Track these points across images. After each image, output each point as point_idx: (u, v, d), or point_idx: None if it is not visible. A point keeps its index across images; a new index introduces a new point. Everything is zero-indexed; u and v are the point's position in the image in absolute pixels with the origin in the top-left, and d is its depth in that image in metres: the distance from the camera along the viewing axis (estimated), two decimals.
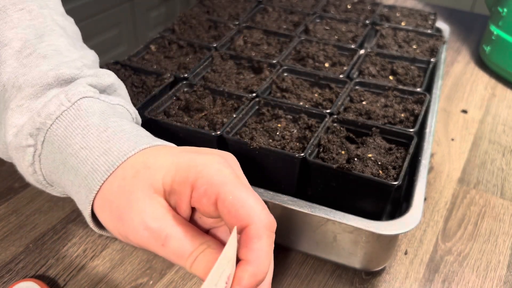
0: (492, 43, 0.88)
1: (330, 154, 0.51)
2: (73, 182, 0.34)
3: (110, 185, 0.32)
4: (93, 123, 0.35)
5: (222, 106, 0.58)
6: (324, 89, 0.62)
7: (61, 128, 0.34)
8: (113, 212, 0.32)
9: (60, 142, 0.34)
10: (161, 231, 0.30)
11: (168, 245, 0.30)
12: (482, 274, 0.54)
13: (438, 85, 0.67)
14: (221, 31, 0.74)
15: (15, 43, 0.37)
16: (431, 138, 0.57)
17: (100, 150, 0.33)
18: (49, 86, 0.36)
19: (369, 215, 0.47)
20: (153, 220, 0.30)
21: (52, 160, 0.35)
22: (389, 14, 0.82)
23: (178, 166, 0.32)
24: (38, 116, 0.35)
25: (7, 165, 0.65)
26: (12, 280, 0.51)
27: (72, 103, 0.35)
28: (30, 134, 0.35)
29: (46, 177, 0.37)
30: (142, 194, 0.31)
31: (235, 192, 0.30)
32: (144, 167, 0.32)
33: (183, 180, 0.31)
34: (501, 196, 0.64)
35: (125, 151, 0.33)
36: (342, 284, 0.52)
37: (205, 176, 0.30)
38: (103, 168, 0.32)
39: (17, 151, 0.36)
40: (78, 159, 0.33)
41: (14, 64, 0.36)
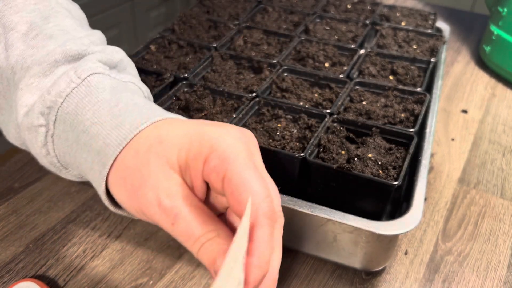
0: (492, 43, 0.88)
1: (330, 154, 0.51)
2: (86, 159, 0.33)
3: (123, 159, 0.31)
4: (104, 99, 0.34)
5: (222, 106, 0.58)
6: (324, 89, 0.62)
7: (72, 106, 0.34)
8: (127, 187, 0.31)
9: (72, 120, 0.33)
10: (173, 210, 0.29)
11: (177, 225, 0.29)
12: (482, 274, 0.54)
13: (438, 85, 0.67)
14: (221, 31, 0.74)
15: (21, 26, 0.36)
16: (431, 138, 0.57)
17: (111, 125, 0.32)
18: (56, 63, 0.35)
19: (369, 215, 0.47)
20: (166, 197, 0.30)
21: (65, 139, 0.34)
22: (389, 14, 0.82)
23: (192, 139, 0.31)
24: (48, 94, 0.34)
25: (7, 165, 0.65)
26: (12, 280, 0.51)
27: (82, 80, 0.34)
28: (41, 113, 0.34)
29: (60, 158, 0.36)
30: (156, 168, 0.30)
31: (242, 173, 0.29)
32: (158, 141, 0.31)
33: (197, 155, 0.30)
34: (501, 196, 0.64)
35: (137, 124, 0.32)
36: (342, 284, 0.52)
37: (217, 150, 0.29)
38: (115, 142, 0.32)
39: (29, 131, 0.35)
40: (90, 135, 0.33)
41: (22, 46, 0.36)
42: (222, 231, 0.30)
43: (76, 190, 0.62)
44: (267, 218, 0.28)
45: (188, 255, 0.54)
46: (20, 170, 0.65)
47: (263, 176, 0.30)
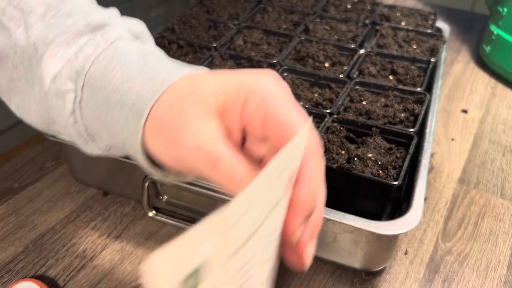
0: (492, 42, 0.88)
1: (330, 154, 0.51)
2: (118, 117, 0.33)
3: (158, 110, 0.31)
4: (132, 60, 0.34)
5: None
6: (324, 89, 0.62)
7: (100, 69, 0.34)
8: (164, 135, 0.30)
9: (101, 82, 0.33)
10: (214, 152, 0.29)
11: (218, 169, 0.29)
12: (482, 274, 0.54)
13: (438, 85, 0.67)
14: (221, 31, 0.74)
15: (39, 8, 0.37)
16: (431, 138, 0.57)
17: (143, 80, 0.32)
18: (80, 33, 0.35)
19: (369, 215, 0.47)
20: (207, 140, 0.29)
21: (94, 103, 0.34)
22: (389, 14, 0.82)
23: (229, 85, 0.30)
24: (75, 59, 0.34)
25: (7, 165, 0.65)
26: (11, 281, 0.51)
27: (109, 44, 0.35)
28: (69, 77, 0.34)
29: (88, 127, 0.35)
30: (194, 113, 0.30)
31: (284, 109, 0.28)
32: (193, 91, 0.31)
33: (235, 99, 0.30)
34: (501, 196, 0.64)
35: (169, 76, 0.32)
36: (342, 284, 0.52)
37: (257, 91, 0.29)
38: (149, 95, 0.31)
39: (57, 98, 0.35)
40: (121, 92, 0.32)
41: (41, 26, 0.36)
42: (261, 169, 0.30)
43: (76, 190, 0.62)
44: (317, 148, 0.28)
45: None
46: (19, 170, 0.65)
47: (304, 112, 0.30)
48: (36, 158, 0.67)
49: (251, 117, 0.29)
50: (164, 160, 0.32)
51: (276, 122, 0.28)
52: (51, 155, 0.68)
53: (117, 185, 0.60)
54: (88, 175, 0.61)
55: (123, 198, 0.61)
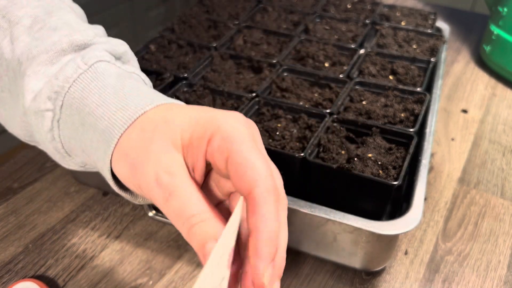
0: (492, 42, 0.88)
1: (330, 154, 0.51)
2: (91, 139, 0.34)
3: (128, 138, 0.32)
4: (110, 83, 0.35)
5: (222, 106, 0.58)
6: (324, 89, 0.62)
7: (79, 90, 0.34)
8: (129, 163, 0.31)
9: (78, 104, 0.34)
10: (169, 186, 0.30)
11: (170, 201, 0.30)
12: (483, 274, 0.54)
13: (438, 84, 0.67)
14: (220, 30, 0.74)
15: (26, 20, 0.37)
16: (431, 138, 0.57)
17: (117, 106, 0.33)
18: (63, 52, 0.36)
19: (369, 215, 0.47)
20: (165, 173, 0.30)
21: (71, 124, 0.35)
22: (389, 14, 0.82)
23: (198, 120, 0.31)
24: (55, 79, 0.35)
25: (6, 165, 0.65)
26: (11, 281, 0.51)
27: (89, 66, 0.35)
28: (48, 97, 0.35)
29: (65, 144, 0.36)
30: (159, 146, 0.31)
31: (245, 152, 0.29)
32: (163, 122, 0.32)
33: (201, 135, 0.31)
34: (501, 196, 0.64)
35: (142, 106, 0.33)
36: (342, 284, 0.52)
37: (222, 131, 0.30)
38: (120, 122, 0.32)
39: (36, 116, 0.35)
40: (95, 116, 0.33)
41: (27, 39, 0.37)
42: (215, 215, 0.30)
43: (75, 190, 0.62)
44: (271, 194, 0.28)
45: (188, 255, 0.54)
46: (19, 170, 0.64)
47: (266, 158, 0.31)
48: (35, 158, 0.67)
49: (215, 154, 0.30)
50: (127, 184, 0.33)
51: (236, 164, 0.29)
52: None
53: None
54: (87, 175, 0.61)
55: (122, 198, 0.61)
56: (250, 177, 0.28)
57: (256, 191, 0.28)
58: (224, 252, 0.27)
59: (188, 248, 0.55)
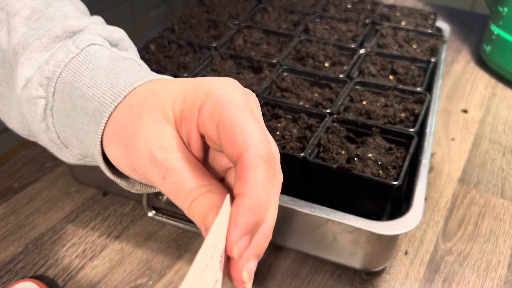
0: (492, 42, 0.88)
1: (330, 154, 0.51)
2: (83, 123, 0.32)
3: (117, 116, 0.31)
4: (101, 65, 0.33)
5: None
6: (324, 89, 0.62)
7: (70, 75, 0.33)
8: (120, 143, 0.30)
9: (69, 88, 0.33)
10: (164, 162, 0.28)
11: (168, 179, 0.28)
12: (483, 274, 0.54)
13: (438, 84, 0.67)
14: (220, 30, 0.74)
15: (24, 11, 0.37)
16: (431, 138, 0.57)
17: (107, 85, 0.32)
18: (57, 38, 0.35)
19: (369, 215, 0.47)
20: (158, 149, 0.28)
21: (63, 110, 0.33)
22: (389, 14, 0.82)
23: (187, 89, 0.29)
24: (46, 64, 0.34)
25: (7, 165, 0.65)
26: (11, 281, 0.51)
27: (81, 50, 0.34)
28: (39, 83, 0.34)
29: (60, 134, 0.35)
30: (150, 121, 0.29)
31: (237, 115, 0.26)
32: (152, 95, 0.30)
33: (191, 104, 0.28)
34: (501, 196, 0.64)
35: (131, 82, 0.31)
36: (342, 284, 0.52)
37: (213, 96, 0.28)
38: (109, 100, 0.31)
39: (28, 104, 0.34)
40: (85, 98, 0.32)
41: (24, 29, 0.36)
42: (215, 187, 0.28)
43: (75, 190, 0.62)
44: (264, 161, 0.26)
45: (188, 255, 0.54)
46: (19, 170, 0.64)
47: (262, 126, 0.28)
48: (35, 158, 0.67)
49: (206, 122, 0.28)
50: (121, 167, 0.31)
51: (226, 127, 0.26)
52: (50, 155, 0.67)
53: (117, 185, 0.60)
54: (87, 175, 0.61)
55: (122, 198, 0.61)
56: (241, 140, 0.26)
57: (246, 156, 0.25)
58: (214, 253, 0.25)
59: (188, 248, 0.55)
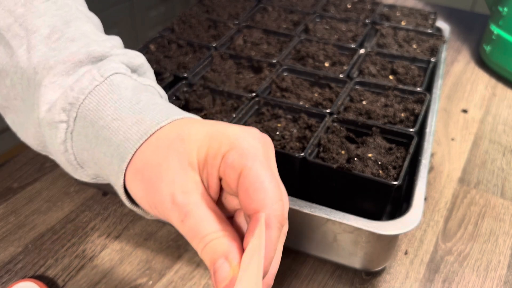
0: (493, 42, 0.88)
1: (330, 154, 0.51)
2: (105, 153, 0.33)
3: (142, 154, 0.32)
4: (126, 96, 0.34)
5: (221, 106, 0.58)
6: (324, 89, 0.62)
7: (94, 102, 0.34)
8: (144, 181, 0.31)
9: (93, 116, 0.34)
10: (185, 207, 0.30)
11: (186, 222, 0.30)
12: (483, 274, 0.54)
13: (438, 84, 0.67)
14: (220, 30, 0.74)
15: (44, 30, 0.37)
16: (431, 137, 0.57)
17: (132, 120, 0.33)
18: (80, 63, 0.36)
19: (369, 215, 0.47)
20: (181, 193, 0.30)
21: (85, 136, 0.34)
22: (389, 14, 0.82)
23: (212, 137, 0.31)
24: (71, 90, 0.35)
25: (6, 165, 0.65)
26: (11, 281, 0.51)
27: (105, 78, 0.35)
28: (63, 109, 0.34)
29: (77, 156, 0.36)
30: (175, 165, 0.31)
31: (259, 171, 0.29)
32: (179, 139, 0.31)
33: (216, 152, 0.31)
34: (501, 196, 0.64)
35: (158, 121, 0.33)
36: (342, 284, 0.52)
37: (237, 147, 0.30)
38: (135, 137, 0.32)
39: (50, 127, 0.35)
40: (110, 130, 0.33)
41: (44, 49, 0.37)
42: (228, 233, 0.30)
43: (75, 190, 0.62)
44: (277, 221, 0.29)
45: (188, 255, 0.54)
46: (19, 170, 0.64)
47: (278, 180, 0.31)
48: (35, 158, 0.66)
49: (228, 170, 0.30)
50: (141, 203, 0.32)
51: (247, 182, 0.29)
52: None
53: None
54: None
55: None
56: (260, 198, 0.28)
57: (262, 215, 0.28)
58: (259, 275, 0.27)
59: (188, 248, 0.55)
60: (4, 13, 0.37)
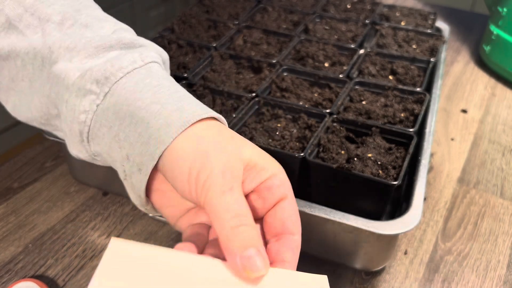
0: (492, 42, 0.88)
1: (330, 154, 0.51)
2: (141, 134, 0.33)
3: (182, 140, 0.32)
4: (164, 84, 0.35)
5: (221, 106, 0.58)
6: (324, 89, 0.62)
7: (132, 82, 0.35)
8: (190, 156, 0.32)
9: (129, 95, 0.34)
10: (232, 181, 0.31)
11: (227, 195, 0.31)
12: (482, 274, 0.54)
13: (438, 84, 0.67)
14: (220, 30, 0.74)
15: (55, 17, 0.37)
16: (431, 137, 0.57)
17: (173, 107, 0.33)
18: (111, 48, 0.36)
19: (369, 215, 0.47)
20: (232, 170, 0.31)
21: (114, 112, 0.34)
22: (389, 14, 0.82)
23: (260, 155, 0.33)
24: (111, 65, 0.35)
25: (6, 165, 0.65)
26: (11, 281, 0.51)
27: (145, 63, 0.36)
28: (96, 80, 0.34)
29: (91, 130, 0.36)
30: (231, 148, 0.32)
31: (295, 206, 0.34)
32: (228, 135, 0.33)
33: (264, 167, 0.33)
34: (501, 196, 0.64)
35: (199, 113, 0.33)
36: (342, 283, 0.52)
37: (283, 178, 0.33)
38: (178, 123, 0.33)
39: (77, 94, 0.35)
40: (149, 112, 0.33)
41: (58, 35, 0.37)
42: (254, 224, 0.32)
43: (75, 190, 0.62)
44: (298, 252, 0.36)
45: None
46: (19, 170, 0.65)
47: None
48: (35, 158, 0.67)
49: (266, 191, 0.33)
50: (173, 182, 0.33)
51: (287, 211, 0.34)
52: (50, 154, 0.67)
53: (117, 184, 0.60)
54: (87, 175, 0.61)
55: (122, 198, 0.61)
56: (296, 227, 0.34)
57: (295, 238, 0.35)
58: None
59: None
60: (13, 4, 0.37)
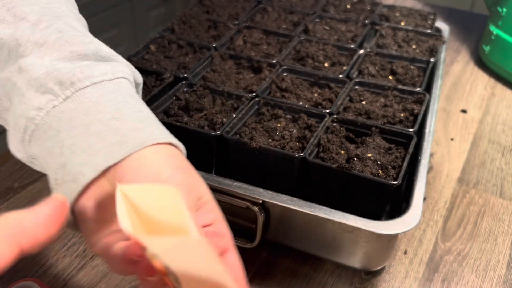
0: (492, 43, 0.88)
1: (330, 154, 0.51)
2: (91, 145, 0.33)
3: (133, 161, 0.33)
4: (129, 101, 0.35)
5: (221, 106, 0.58)
6: (324, 89, 0.62)
7: (97, 94, 0.34)
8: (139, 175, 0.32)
9: (91, 106, 0.34)
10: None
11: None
12: (482, 273, 0.54)
13: (438, 84, 0.67)
14: (220, 31, 0.74)
15: (32, 16, 0.37)
16: (431, 137, 0.57)
17: (132, 126, 0.34)
18: (85, 57, 0.36)
19: (368, 214, 0.47)
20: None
21: (69, 118, 0.34)
22: (389, 14, 0.82)
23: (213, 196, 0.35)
24: (80, 72, 0.34)
25: (7, 165, 0.65)
26: (12, 280, 0.51)
27: (115, 77, 0.36)
28: (61, 82, 0.34)
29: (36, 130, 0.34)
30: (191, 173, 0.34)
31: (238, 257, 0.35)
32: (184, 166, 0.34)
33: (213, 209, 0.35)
34: (500, 196, 0.64)
35: (156, 137, 0.34)
36: (342, 283, 0.52)
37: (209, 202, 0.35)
38: (133, 143, 0.33)
39: (37, 89, 0.34)
40: (107, 127, 0.33)
41: (28, 31, 0.36)
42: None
43: None
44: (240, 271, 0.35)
45: None
46: (19, 170, 0.65)
47: None
48: None
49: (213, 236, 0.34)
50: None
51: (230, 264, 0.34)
52: None
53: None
54: None
55: None
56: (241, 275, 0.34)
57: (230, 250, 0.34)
58: None
59: None
60: None
